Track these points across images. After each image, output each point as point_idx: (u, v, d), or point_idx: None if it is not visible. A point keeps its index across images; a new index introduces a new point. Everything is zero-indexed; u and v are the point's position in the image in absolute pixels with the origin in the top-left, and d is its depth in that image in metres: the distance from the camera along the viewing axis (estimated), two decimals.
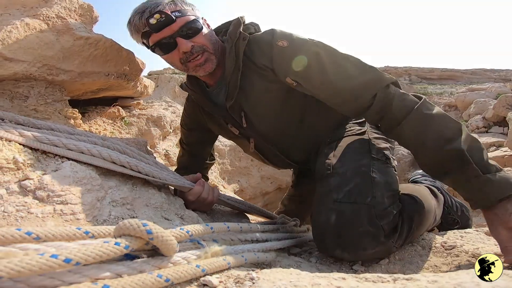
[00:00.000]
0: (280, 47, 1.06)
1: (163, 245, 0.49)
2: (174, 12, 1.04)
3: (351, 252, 0.88)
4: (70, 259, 0.40)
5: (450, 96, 6.34)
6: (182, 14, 1.06)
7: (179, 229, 0.55)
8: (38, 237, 0.43)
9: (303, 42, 1.06)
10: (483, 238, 1.02)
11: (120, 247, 0.45)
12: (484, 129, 3.61)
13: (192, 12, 1.11)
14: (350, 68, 1.01)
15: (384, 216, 0.86)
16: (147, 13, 1.04)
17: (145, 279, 0.43)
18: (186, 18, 1.07)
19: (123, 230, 0.48)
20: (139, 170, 0.90)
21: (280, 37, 1.07)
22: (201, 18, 1.14)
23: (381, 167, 0.99)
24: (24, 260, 0.36)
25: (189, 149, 1.50)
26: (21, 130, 0.79)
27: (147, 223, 0.48)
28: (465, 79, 11.01)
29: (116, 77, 1.48)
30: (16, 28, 1.04)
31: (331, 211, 0.89)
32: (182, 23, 1.06)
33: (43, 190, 0.66)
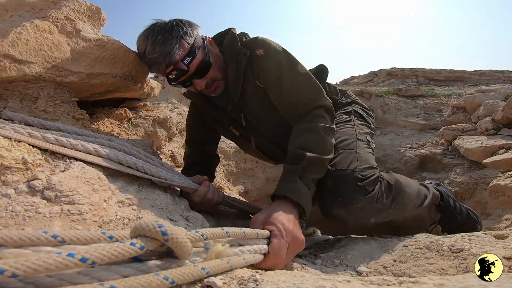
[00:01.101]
0: (257, 55, 1.22)
1: (177, 247, 0.49)
2: (186, 58, 1.15)
3: (345, 207, 1.03)
4: (87, 258, 0.40)
5: (458, 97, 6.26)
6: (193, 56, 1.16)
7: (194, 232, 0.55)
8: (64, 240, 0.44)
9: (275, 53, 1.22)
10: (492, 241, 1.01)
11: (135, 248, 0.45)
12: (493, 131, 3.55)
13: (198, 42, 1.19)
14: (301, 85, 1.20)
15: (365, 179, 1.06)
16: (163, 66, 1.15)
17: (151, 281, 0.43)
18: (197, 59, 1.17)
19: (139, 230, 0.48)
20: (145, 171, 0.91)
21: (259, 46, 1.23)
22: (204, 40, 1.23)
23: (363, 147, 1.25)
24: (41, 259, 0.37)
25: (195, 147, 1.56)
26: (30, 130, 0.81)
27: (163, 224, 0.48)
28: (474, 80, 10.85)
29: (124, 79, 1.49)
30: (26, 29, 1.06)
31: (328, 178, 1.08)
32: (194, 67, 1.18)
33: (51, 190, 0.67)
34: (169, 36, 1.13)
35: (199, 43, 1.20)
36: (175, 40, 1.13)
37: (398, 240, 1.07)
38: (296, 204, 0.92)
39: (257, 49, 1.22)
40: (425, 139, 4.79)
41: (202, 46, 1.21)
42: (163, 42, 1.12)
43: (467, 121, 4.51)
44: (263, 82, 1.24)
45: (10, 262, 0.35)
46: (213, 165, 1.63)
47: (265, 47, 1.22)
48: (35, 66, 1.10)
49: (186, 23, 1.20)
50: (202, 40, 1.22)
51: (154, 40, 1.13)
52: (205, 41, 1.24)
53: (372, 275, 0.87)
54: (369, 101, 5.91)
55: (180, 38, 1.14)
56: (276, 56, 1.21)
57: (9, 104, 1.11)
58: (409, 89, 6.56)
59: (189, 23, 1.21)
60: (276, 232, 0.80)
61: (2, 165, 0.67)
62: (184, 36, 1.15)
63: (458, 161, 3.77)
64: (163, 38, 1.13)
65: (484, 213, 3.10)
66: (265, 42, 1.24)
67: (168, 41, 1.12)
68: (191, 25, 1.21)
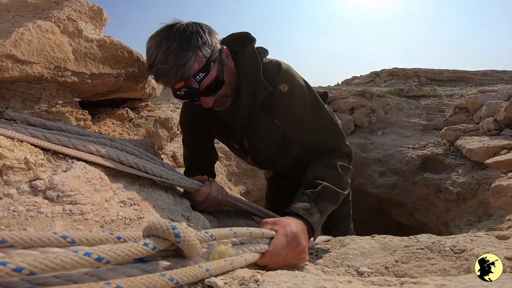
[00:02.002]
0: (279, 91, 1.14)
1: (188, 249, 0.51)
2: (199, 74, 1.04)
3: None
4: (102, 258, 0.41)
5: (460, 98, 6.24)
6: (207, 72, 1.05)
7: (204, 233, 0.56)
8: (73, 241, 0.45)
9: (299, 90, 1.15)
10: (494, 242, 1.00)
11: (148, 248, 0.46)
12: (495, 132, 3.54)
13: (215, 54, 1.08)
14: (324, 129, 1.18)
15: None
16: (172, 80, 1.03)
17: (157, 281, 0.44)
18: (210, 76, 1.06)
19: (152, 230, 0.49)
20: (146, 170, 0.91)
21: (283, 80, 1.14)
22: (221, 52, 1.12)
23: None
24: (59, 257, 0.38)
25: (192, 147, 1.53)
26: (32, 130, 0.81)
27: (176, 225, 0.49)
28: (476, 80, 10.82)
29: (125, 79, 1.50)
30: (28, 30, 1.06)
31: None
32: (206, 85, 1.07)
33: (53, 190, 0.67)
34: (186, 45, 1.01)
35: (215, 56, 1.08)
36: (192, 52, 1.01)
37: (400, 240, 1.07)
38: (306, 223, 0.92)
39: (281, 83, 1.13)
40: (427, 140, 4.78)
41: (218, 60, 1.09)
42: (178, 51, 1.00)
43: (469, 122, 4.50)
44: (282, 120, 1.19)
45: (29, 260, 0.36)
46: (211, 162, 1.60)
47: (289, 82, 1.14)
48: (37, 67, 1.10)
49: (206, 29, 1.09)
50: (219, 52, 1.11)
51: (169, 47, 1.00)
52: (222, 53, 1.12)
53: (373, 275, 0.87)
54: (370, 101, 5.90)
55: (198, 49, 1.02)
56: (301, 94, 1.15)
57: (11, 104, 1.11)
58: (411, 89, 6.55)
59: (210, 30, 1.10)
60: (281, 231, 0.79)
61: (4, 165, 0.67)
62: (202, 47, 1.03)
63: (460, 162, 3.76)
64: (179, 47, 1.00)
65: (486, 214, 3.09)
66: (289, 75, 1.15)
67: (185, 52, 1.00)
68: (211, 33, 1.10)
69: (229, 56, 1.17)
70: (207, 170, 1.45)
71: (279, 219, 0.85)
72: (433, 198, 3.93)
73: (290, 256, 0.79)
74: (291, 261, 0.80)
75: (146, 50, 1.09)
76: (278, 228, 0.81)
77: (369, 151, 5.01)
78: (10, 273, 0.34)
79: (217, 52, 1.09)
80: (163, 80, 1.07)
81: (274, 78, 1.14)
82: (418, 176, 4.19)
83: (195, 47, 1.02)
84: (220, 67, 1.10)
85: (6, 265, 0.34)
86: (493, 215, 2.95)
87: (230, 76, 1.15)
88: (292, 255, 0.79)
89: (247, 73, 1.16)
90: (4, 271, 0.34)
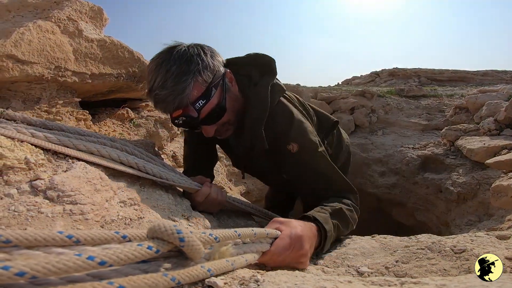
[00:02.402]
0: (289, 151, 1.09)
1: (191, 252, 0.51)
2: (199, 101, 0.98)
3: None
4: (105, 262, 0.41)
5: (460, 98, 6.24)
6: (207, 99, 0.99)
7: (208, 235, 0.56)
8: (78, 240, 0.45)
9: (309, 149, 1.10)
10: (494, 242, 1.00)
11: (151, 251, 0.46)
12: (496, 132, 3.53)
13: (217, 78, 1.02)
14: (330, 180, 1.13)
15: None
16: (170, 107, 0.98)
17: (159, 281, 0.45)
18: (211, 104, 1.00)
19: (157, 233, 0.49)
20: (147, 171, 0.91)
21: (293, 138, 1.09)
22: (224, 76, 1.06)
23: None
24: (61, 261, 0.38)
25: (193, 147, 1.51)
26: (33, 130, 0.81)
27: (181, 230, 0.49)
28: (476, 80, 10.81)
29: (126, 79, 1.50)
30: (28, 30, 1.06)
31: None
32: (206, 113, 1.01)
33: (54, 190, 0.67)
34: (186, 69, 0.96)
35: (217, 81, 1.02)
36: (191, 76, 0.95)
37: (400, 240, 1.07)
38: (319, 230, 0.92)
39: (291, 143, 1.08)
40: (427, 140, 4.78)
41: (221, 85, 1.03)
42: (177, 75, 0.95)
43: (470, 122, 4.50)
44: (288, 174, 1.17)
45: (31, 265, 0.35)
46: (212, 165, 1.60)
47: (299, 141, 1.09)
48: (38, 67, 1.10)
49: (208, 52, 1.03)
50: (221, 77, 1.04)
51: (168, 70, 0.95)
52: (225, 77, 1.06)
53: (373, 275, 0.86)
54: (371, 102, 5.90)
55: (198, 74, 0.96)
56: (310, 154, 1.10)
57: (11, 104, 1.11)
58: (411, 89, 6.55)
59: (212, 52, 1.04)
60: (286, 232, 0.78)
61: (4, 165, 0.67)
62: (203, 71, 0.97)
63: (460, 162, 3.75)
64: (178, 70, 0.95)
65: (487, 214, 3.08)
66: (301, 132, 1.10)
67: (184, 76, 0.95)
68: (214, 56, 1.04)
69: (233, 81, 1.11)
70: (207, 173, 1.44)
71: (289, 220, 0.84)
72: (433, 198, 3.92)
73: (291, 257, 0.78)
74: (290, 263, 0.79)
75: (146, 73, 1.05)
76: (284, 228, 0.80)
77: (369, 151, 5.01)
78: (12, 277, 0.34)
79: (220, 77, 1.03)
80: (161, 106, 1.00)
81: (284, 135, 1.09)
82: (419, 176, 4.19)
83: (195, 71, 0.96)
84: (222, 93, 1.04)
85: (8, 270, 0.34)
86: (493, 215, 2.95)
87: (233, 101, 1.09)
88: (293, 257, 0.78)
89: (252, 115, 1.10)
90: (6, 276, 0.34)
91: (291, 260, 0.78)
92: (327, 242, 0.94)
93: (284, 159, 1.13)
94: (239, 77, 1.16)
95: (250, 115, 1.11)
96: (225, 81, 1.06)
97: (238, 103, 1.12)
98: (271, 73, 1.15)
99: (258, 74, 1.16)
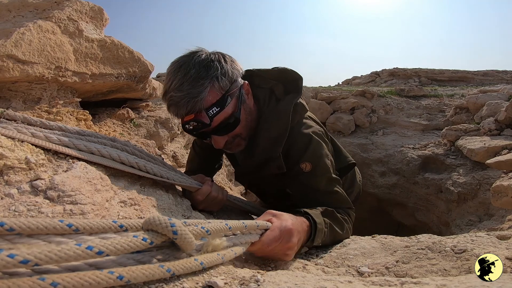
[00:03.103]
0: (301, 169, 1.07)
1: (183, 244, 0.54)
2: (213, 108, 0.95)
3: None
4: (102, 251, 0.44)
5: (461, 98, 6.23)
6: (221, 107, 0.96)
7: (200, 228, 0.58)
8: (78, 229, 0.47)
9: (321, 171, 1.08)
10: (495, 242, 1.00)
11: (146, 243, 0.49)
12: (496, 132, 3.53)
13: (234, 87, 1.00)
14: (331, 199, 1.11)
15: None
16: (183, 110, 0.95)
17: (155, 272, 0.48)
18: (225, 113, 0.98)
19: (152, 225, 0.52)
20: (147, 170, 0.91)
21: (308, 158, 1.07)
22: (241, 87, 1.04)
23: None
24: (63, 250, 0.40)
25: (200, 153, 1.49)
26: (33, 130, 0.81)
27: (174, 223, 0.52)
28: (477, 80, 10.79)
29: (126, 79, 1.50)
30: (29, 30, 1.07)
31: None
32: (218, 122, 0.98)
33: (54, 190, 0.67)
34: (204, 73, 0.94)
35: (234, 90, 1.00)
36: (209, 81, 0.94)
37: (400, 240, 1.07)
38: (309, 226, 0.93)
39: (305, 162, 1.07)
40: (427, 140, 4.78)
41: (237, 96, 1.01)
42: (194, 79, 0.93)
43: (470, 122, 4.50)
44: (292, 189, 1.17)
45: (35, 253, 0.38)
46: (215, 171, 1.61)
47: (314, 162, 1.07)
48: (38, 67, 1.10)
49: (229, 60, 1.01)
50: (239, 87, 1.02)
51: (186, 74, 0.94)
52: (242, 89, 1.03)
53: (374, 275, 0.86)
54: (371, 102, 5.90)
55: (215, 79, 0.95)
56: (322, 175, 1.09)
57: (12, 104, 1.11)
58: (412, 89, 6.54)
59: (232, 61, 1.02)
60: (277, 224, 0.80)
61: (5, 165, 0.67)
62: (221, 78, 0.96)
63: (461, 162, 3.75)
64: (196, 74, 0.94)
65: (487, 214, 3.09)
66: (317, 155, 1.08)
67: (201, 80, 0.93)
68: (233, 64, 1.02)
69: (249, 94, 1.08)
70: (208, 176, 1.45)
71: (281, 213, 0.86)
72: (433, 198, 3.92)
73: (278, 249, 0.79)
74: (277, 254, 0.81)
75: (166, 75, 1.02)
76: (275, 220, 0.82)
77: (370, 151, 5.01)
78: (17, 265, 0.37)
79: (237, 86, 1.02)
80: (174, 109, 0.97)
81: (300, 154, 1.08)
82: (419, 176, 4.19)
83: (213, 77, 0.95)
84: (238, 104, 1.01)
85: (13, 257, 0.36)
86: (494, 215, 2.95)
87: (247, 114, 1.06)
88: (280, 249, 0.80)
89: (269, 134, 1.08)
90: (12, 263, 0.36)
91: (278, 252, 0.80)
92: (318, 234, 0.95)
93: (293, 174, 1.11)
94: (260, 90, 1.13)
95: (268, 133, 1.08)
96: (242, 92, 1.03)
97: (252, 117, 1.10)
98: (296, 91, 1.13)
99: (282, 91, 1.14)
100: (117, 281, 0.43)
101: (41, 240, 0.44)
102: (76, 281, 0.40)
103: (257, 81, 1.15)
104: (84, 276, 0.41)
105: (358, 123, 5.59)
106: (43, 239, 0.45)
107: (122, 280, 0.43)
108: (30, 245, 0.42)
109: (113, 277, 0.42)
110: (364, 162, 4.84)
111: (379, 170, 4.74)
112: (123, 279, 0.43)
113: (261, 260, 0.83)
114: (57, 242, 0.45)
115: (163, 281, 0.50)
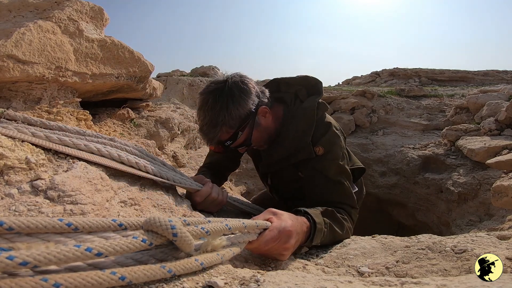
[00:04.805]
0: (314, 152, 1.18)
1: (182, 245, 0.54)
2: (227, 141, 1.15)
3: None
4: (101, 253, 0.44)
5: (461, 98, 6.23)
6: (234, 140, 1.16)
7: (200, 228, 0.58)
8: (77, 228, 0.47)
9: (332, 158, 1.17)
10: (495, 242, 1.00)
11: (145, 244, 0.49)
12: (496, 132, 3.53)
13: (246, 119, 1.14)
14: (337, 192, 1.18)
15: None
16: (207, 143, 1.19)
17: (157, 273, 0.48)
18: (238, 142, 1.17)
19: (152, 226, 0.52)
20: (147, 170, 0.91)
21: (323, 142, 1.18)
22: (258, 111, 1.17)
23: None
24: (62, 252, 0.40)
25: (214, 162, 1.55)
26: (34, 130, 0.81)
27: (175, 225, 0.52)
28: (477, 80, 10.78)
29: (126, 79, 1.50)
30: (29, 30, 1.07)
31: None
32: (233, 147, 1.19)
33: (54, 190, 0.67)
34: (215, 121, 1.10)
35: (245, 124, 1.14)
36: (218, 128, 1.11)
37: (401, 240, 1.07)
38: (309, 227, 0.95)
39: (319, 145, 1.18)
40: (428, 140, 4.77)
41: (250, 125, 1.16)
42: (210, 125, 1.11)
43: (470, 122, 4.49)
44: (305, 173, 1.23)
45: (34, 255, 0.38)
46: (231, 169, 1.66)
47: (327, 147, 1.18)
48: (38, 67, 1.10)
49: (240, 97, 1.12)
50: (253, 114, 1.16)
51: (204, 118, 1.12)
52: (256, 116, 1.18)
53: (374, 275, 0.86)
54: (371, 101, 5.90)
55: (224, 125, 1.11)
56: (332, 162, 1.18)
57: (12, 104, 1.11)
58: (412, 89, 6.54)
59: (245, 95, 1.13)
60: (276, 224, 0.81)
61: (5, 165, 0.67)
62: (229, 123, 1.11)
63: (461, 162, 3.75)
64: (210, 121, 1.11)
65: (488, 214, 3.08)
66: (332, 141, 1.19)
67: (213, 128, 1.11)
68: (245, 98, 1.13)
69: (266, 114, 1.21)
70: (222, 175, 1.56)
71: (282, 213, 0.87)
72: (434, 198, 3.92)
73: (275, 248, 0.81)
74: (272, 253, 0.83)
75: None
76: (275, 220, 0.83)
77: (370, 151, 5.01)
78: (16, 267, 0.37)
79: (248, 120, 1.15)
80: (202, 133, 1.18)
81: (316, 139, 1.19)
82: (419, 176, 4.19)
83: (222, 125, 1.10)
84: (250, 131, 1.17)
85: (13, 259, 0.36)
86: (494, 215, 2.95)
87: (261, 133, 1.22)
88: (277, 248, 0.81)
89: (297, 127, 1.22)
90: (11, 265, 0.36)
91: (274, 251, 0.82)
92: (317, 234, 0.97)
93: (307, 160, 1.20)
94: (286, 95, 1.32)
95: (296, 126, 1.22)
96: (256, 119, 1.18)
97: (268, 132, 1.24)
98: (317, 93, 1.29)
99: (305, 93, 1.30)
100: (119, 281, 0.43)
101: (40, 239, 0.44)
102: (79, 282, 0.40)
103: (283, 87, 1.34)
104: (87, 277, 0.41)
105: (358, 123, 5.59)
106: (42, 238, 0.44)
107: (124, 281, 0.43)
108: (29, 245, 0.42)
109: (115, 278, 0.43)
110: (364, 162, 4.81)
111: (379, 170, 4.74)
112: (125, 280, 0.43)
113: (261, 260, 0.83)
114: (56, 241, 0.45)
115: (164, 281, 0.50)
